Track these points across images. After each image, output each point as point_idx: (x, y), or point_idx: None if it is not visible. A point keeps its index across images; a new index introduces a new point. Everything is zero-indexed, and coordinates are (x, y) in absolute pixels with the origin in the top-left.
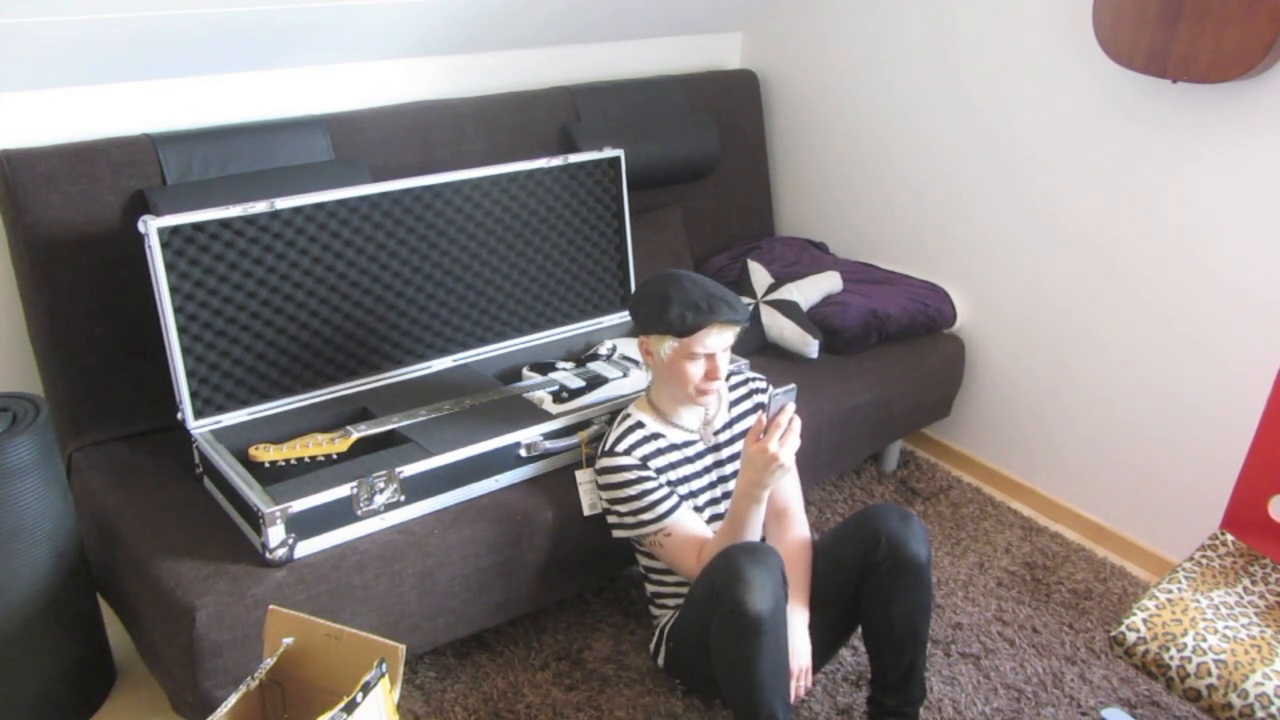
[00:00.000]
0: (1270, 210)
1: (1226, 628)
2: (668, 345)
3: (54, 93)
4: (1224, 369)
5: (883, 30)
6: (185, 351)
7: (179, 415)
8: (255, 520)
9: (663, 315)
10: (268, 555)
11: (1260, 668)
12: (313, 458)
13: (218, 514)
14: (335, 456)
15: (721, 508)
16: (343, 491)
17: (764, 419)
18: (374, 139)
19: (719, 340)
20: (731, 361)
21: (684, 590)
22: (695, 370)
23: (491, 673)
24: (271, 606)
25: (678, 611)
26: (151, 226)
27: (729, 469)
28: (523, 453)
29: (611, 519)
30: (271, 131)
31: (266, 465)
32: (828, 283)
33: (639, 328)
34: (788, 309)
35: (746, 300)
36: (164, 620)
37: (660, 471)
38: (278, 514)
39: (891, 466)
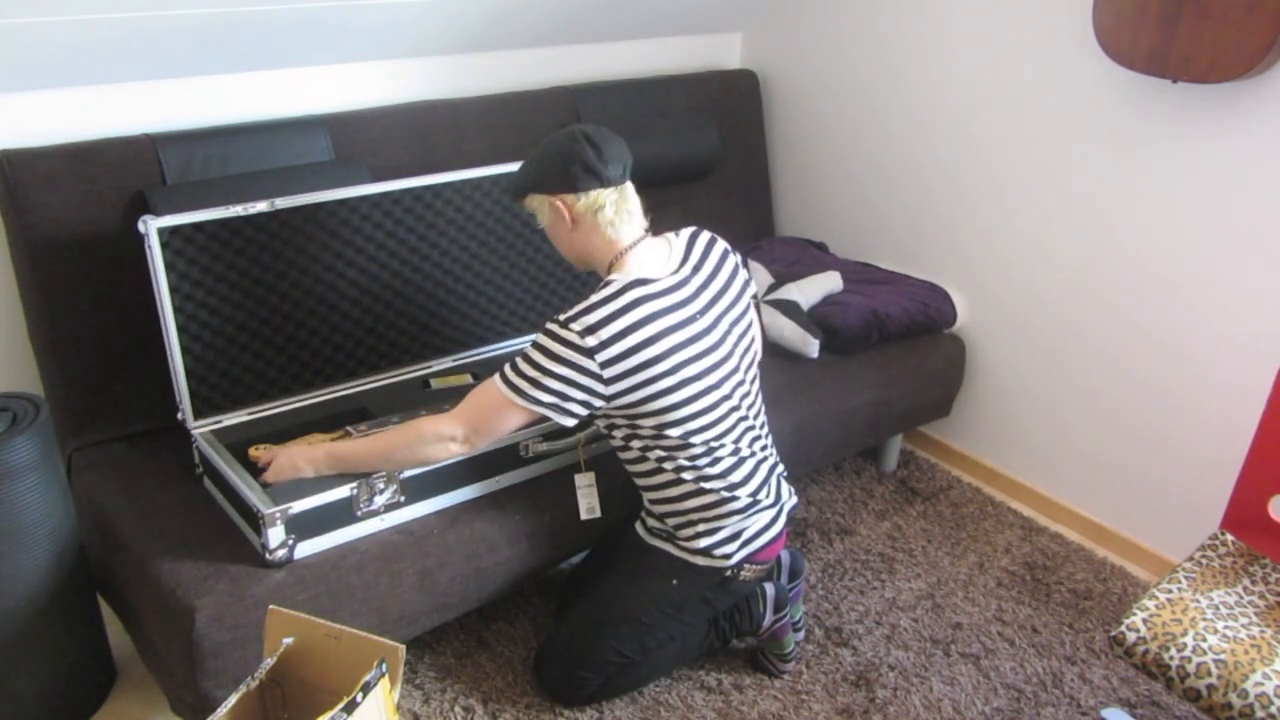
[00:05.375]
0: (1270, 210)
1: (1226, 628)
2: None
3: (54, 93)
4: (1224, 369)
5: (883, 30)
6: (185, 351)
7: (179, 415)
8: (255, 521)
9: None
10: (268, 556)
11: (1260, 668)
12: None
13: (218, 514)
14: None
15: None
16: (343, 492)
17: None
18: (374, 139)
19: None
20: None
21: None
22: None
23: (491, 672)
24: (271, 606)
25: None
26: (151, 226)
27: None
28: (523, 453)
29: None
30: (271, 131)
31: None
32: (828, 283)
33: (568, 185)
34: (788, 309)
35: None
36: (164, 620)
37: None
38: (278, 514)
39: (891, 467)
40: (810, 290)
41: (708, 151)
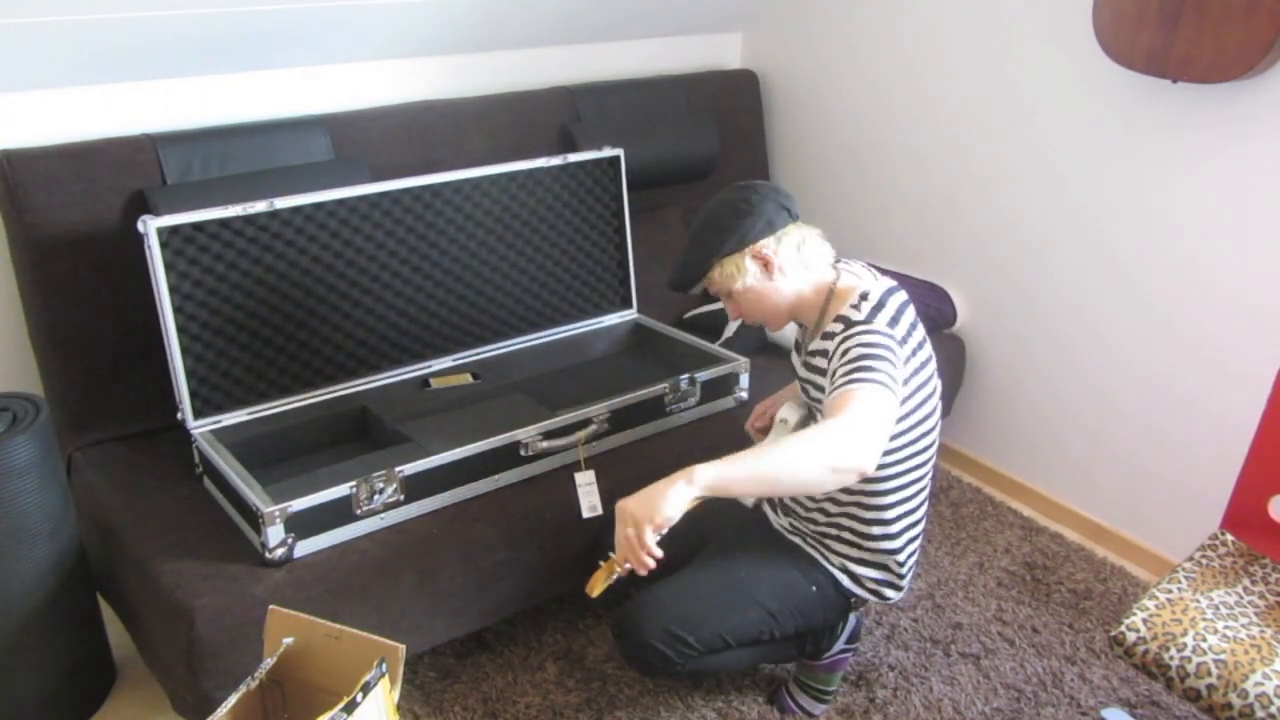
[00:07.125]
0: (1271, 210)
1: (1226, 628)
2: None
3: (54, 93)
4: (1224, 368)
5: (882, 30)
6: (185, 351)
7: (179, 415)
8: (255, 520)
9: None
10: (267, 555)
11: (1260, 668)
12: None
13: (218, 514)
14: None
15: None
16: (342, 491)
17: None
18: (374, 139)
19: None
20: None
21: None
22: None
23: (491, 672)
24: (271, 606)
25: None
26: (151, 226)
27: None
28: (523, 452)
29: None
30: (271, 131)
31: None
32: None
33: (766, 230)
34: None
35: None
36: (164, 620)
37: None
38: (277, 513)
39: None
40: None
41: (708, 151)
